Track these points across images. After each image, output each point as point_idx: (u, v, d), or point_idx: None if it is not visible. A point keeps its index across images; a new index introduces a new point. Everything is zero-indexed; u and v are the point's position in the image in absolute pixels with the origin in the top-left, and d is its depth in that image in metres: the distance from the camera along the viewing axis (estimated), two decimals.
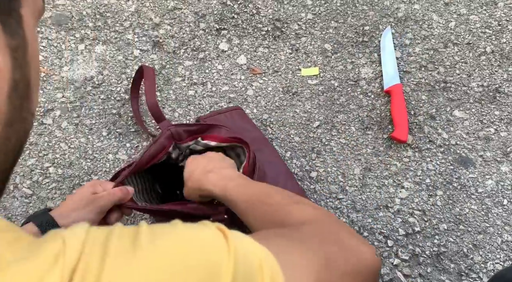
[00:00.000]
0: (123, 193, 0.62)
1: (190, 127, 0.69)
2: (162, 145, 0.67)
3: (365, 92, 0.93)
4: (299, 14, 1.00)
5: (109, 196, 0.61)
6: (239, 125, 0.84)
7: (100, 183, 0.63)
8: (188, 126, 0.69)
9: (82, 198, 0.60)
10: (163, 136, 0.67)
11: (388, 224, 0.83)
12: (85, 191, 0.61)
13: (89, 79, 0.93)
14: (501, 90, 0.93)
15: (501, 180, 0.85)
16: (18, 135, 0.28)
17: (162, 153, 0.67)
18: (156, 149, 0.67)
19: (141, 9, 1.00)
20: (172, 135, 0.68)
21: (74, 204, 0.60)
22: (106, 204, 0.61)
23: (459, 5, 1.00)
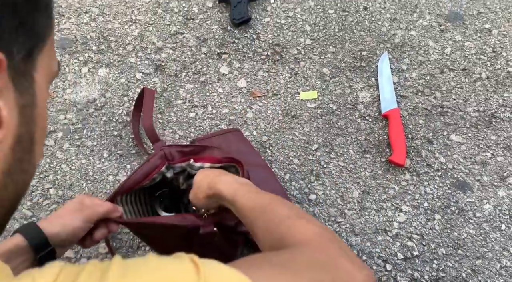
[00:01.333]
0: (113, 207, 0.63)
1: (183, 149, 0.70)
2: (154, 165, 0.69)
3: (363, 116, 0.95)
4: (298, 39, 1.02)
5: (96, 207, 0.62)
6: (234, 147, 0.85)
7: (89, 197, 0.64)
8: (182, 147, 0.70)
9: (69, 207, 0.62)
10: (156, 156, 0.69)
11: (386, 248, 0.83)
12: (72, 202, 0.63)
13: (92, 102, 0.95)
14: (497, 115, 0.94)
15: (498, 204, 0.86)
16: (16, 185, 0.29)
17: (155, 172, 0.69)
18: (148, 167, 0.68)
19: (144, 33, 1.02)
20: (165, 156, 0.70)
21: (61, 212, 0.61)
22: (93, 213, 0.61)
23: (454, 32, 1.03)
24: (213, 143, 0.84)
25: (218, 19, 1.04)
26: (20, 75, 0.27)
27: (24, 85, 0.28)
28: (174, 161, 0.70)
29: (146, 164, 0.68)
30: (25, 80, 0.28)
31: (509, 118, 0.94)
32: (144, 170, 0.67)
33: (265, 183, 0.79)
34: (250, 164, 0.80)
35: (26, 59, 0.28)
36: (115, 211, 0.63)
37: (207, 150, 0.70)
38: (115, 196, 0.65)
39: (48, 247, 0.57)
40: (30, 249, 0.56)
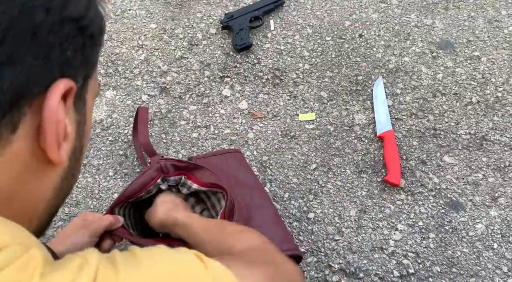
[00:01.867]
0: (114, 218, 0.67)
1: (178, 164, 0.74)
2: (150, 176, 0.72)
3: (359, 137, 0.98)
4: (297, 64, 1.07)
5: (100, 221, 0.66)
6: (232, 168, 0.86)
7: (91, 213, 0.69)
8: (177, 162, 0.74)
9: (74, 225, 0.66)
10: (152, 168, 0.72)
11: (383, 266, 0.85)
12: (76, 219, 0.68)
13: (99, 122, 0.99)
14: (487, 138, 0.98)
15: (490, 224, 0.89)
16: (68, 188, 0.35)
17: (151, 183, 0.72)
18: (144, 179, 0.71)
19: (150, 57, 1.07)
20: (160, 168, 0.73)
21: (67, 231, 0.65)
22: (97, 228, 0.66)
23: (445, 58, 1.08)
24: (210, 162, 0.86)
25: (221, 45, 1.09)
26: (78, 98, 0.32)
27: (80, 106, 0.33)
28: (169, 174, 0.74)
29: (143, 176, 0.71)
30: (81, 102, 0.33)
31: (499, 141, 0.98)
32: (140, 181, 0.71)
33: (260, 207, 0.80)
34: (244, 186, 0.82)
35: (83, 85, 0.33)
36: (116, 222, 0.67)
37: (199, 170, 0.73)
38: (113, 207, 0.68)
39: None
40: None
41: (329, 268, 0.84)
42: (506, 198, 0.92)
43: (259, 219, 0.78)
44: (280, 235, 0.78)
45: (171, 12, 1.13)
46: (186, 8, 1.14)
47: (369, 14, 1.14)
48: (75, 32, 0.29)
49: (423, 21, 1.13)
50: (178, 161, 0.74)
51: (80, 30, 0.30)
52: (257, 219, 0.77)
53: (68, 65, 0.29)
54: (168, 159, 0.74)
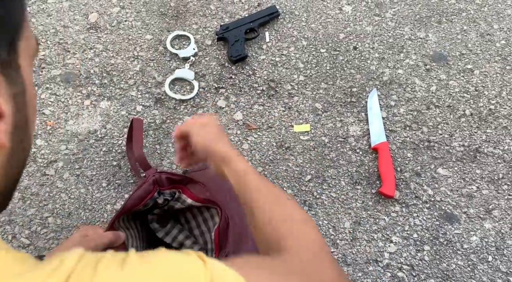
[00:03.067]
0: (115, 236, 0.65)
1: (172, 177, 0.73)
2: (147, 190, 0.71)
3: (354, 148, 0.99)
4: (291, 76, 1.08)
5: (99, 238, 0.63)
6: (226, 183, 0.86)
7: (92, 228, 0.67)
8: (171, 175, 0.73)
9: (73, 240, 0.64)
10: (147, 182, 0.72)
11: (378, 278, 0.84)
12: (76, 235, 0.65)
13: (93, 133, 0.98)
14: (481, 150, 0.99)
15: (485, 236, 0.89)
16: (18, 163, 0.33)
17: (148, 197, 0.71)
18: (141, 193, 0.70)
19: (145, 68, 1.07)
20: (156, 181, 0.72)
21: (64, 247, 0.63)
22: (96, 245, 0.63)
23: (439, 71, 1.09)
24: (206, 175, 0.86)
25: (217, 56, 1.10)
26: (8, 67, 0.28)
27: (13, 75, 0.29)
28: (164, 187, 0.73)
29: (139, 190, 0.70)
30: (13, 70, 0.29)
31: (493, 154, 0.98)
32: (138, 195, 0.70)
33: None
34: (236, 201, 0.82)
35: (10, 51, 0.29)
36: (117, 239, 0.65)
37: (194, 185, 0.73)
38: (113, 222, 0.67)
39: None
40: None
41: None
42: (500, 210, 0.92)
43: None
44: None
45: (166, 23, 1.14)
46: (181, 19, 1.15)
47: (363, 27, 1.15)
48: None
49: (416, 34, 1.14)
50: (172, 174, 0.73)
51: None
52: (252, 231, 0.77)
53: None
54: (162, 172, 0.74)
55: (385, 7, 1.19)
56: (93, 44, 1.10)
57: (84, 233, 0.65)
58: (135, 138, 0.83)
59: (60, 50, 1.08)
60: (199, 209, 0.76)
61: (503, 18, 1.17)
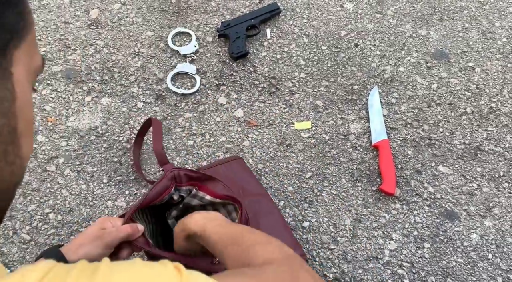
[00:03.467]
0: (132, 229, 0.64)
1: (191, 174, 0.73)
2: (165, 186, 0.71)
3: (355, 146, 0.99)
4: (293, 73, 1.08)
5: (117, 232, 0.63)
6: (239, 176, 0.87)
7: (110, 219, 0.65)
8: (190, 172, 0.73)
9: (90, 233, 0.63)
10: (166, 177, 0.72)
11: (378, 276, 0.84)
12: (94, 227, 0.64)
13: (94, 129, 0.98)
14: (482, 148, 0.99)
15: (485, 234, 0.89)
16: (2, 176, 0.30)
17: (165, 193, 0.71)
18: (160, 188, 0.71)
19: (147, 65, 1.07)
20: (174, 177, 0.72)
21: (82, 240, 0.62)
22: (113, 239, 0.62)
23: (440, 69, 1.09)
24: (218, 172, 0.86)
25: (218, 53, 1.10)
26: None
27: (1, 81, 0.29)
28: (182, 183, 0.73)
29: (158, 184, 0.71)
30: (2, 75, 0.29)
31: (493, 151, 0.98)
32: (157, 190, 0.70)
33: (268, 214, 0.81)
34: (252, 194, 0.83)
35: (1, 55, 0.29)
36: (135, 233, 0.64)
37: (212, 181, 0.73)
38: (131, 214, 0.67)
39: None
40: None
41: (323, 277, 0.84)
42: (501, 208, 0.92)
43: (268, 225, 0.78)
44: (289, 241, 0.79)
45: (168, 20, 1.14)
46: (183, 16, 1.15)
47: (364, 24, 1.15)
48: None
49: (418, 32, 1.14)
50: (190, 171, 0.74)
51: None
52: (266, 225, 0.78)
53: None
54: (181, 168, 0.74)
55: (386, 5, 1.18)
56: (94, 41, 1.10)
57: (102, 225, 0.64)
58: (155, 136, 0.82)
59: (61, 46, 1.08)
60: (214, 206, 0.76)
61: (505, 16, 1.17)
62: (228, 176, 0.85)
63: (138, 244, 0.65)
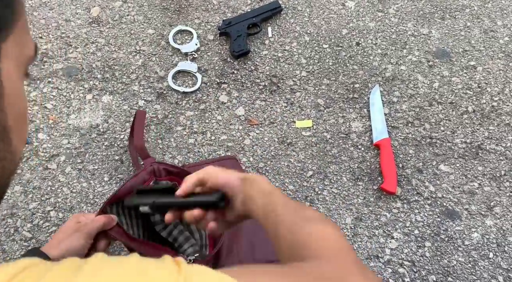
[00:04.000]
0: (107, 218, 0.66)
1: (170, 168, 0.74)
2: (143, 179, 0.72)
3: (356, 145, 0.99)
4: (294, 71, 1.07)
5: (93, 222, 0.65)
6: None
7: (83, 214, 0.68)
8: (169, 167, 0.74)
9: (67, 228, 0.65)
10: (145, 170, 0.72)
11: (378, 274, 0.85)
12: (70, 222, 0.66)
13: (95, 127, 0.98)
14: (483, 147, 0.99)
15: (486, 233, 0.89)
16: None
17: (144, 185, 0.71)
18: (136, 180, 0.71)
19: (148, 63, 1.07)
20: (153, 171, 0.73)
21: (60, 236, 0.64)
22: (91, 229, 0.64)
23: (441, 67, 1.09)
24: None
25: (219, 51, 1.10)
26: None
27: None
28: (161, 177, 0.73)
29: (135, 177, 0.71)
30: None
31: (495, 150, 0.98)
32: (132, 183, 0.70)
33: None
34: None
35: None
36: (110, 222, 0.67)
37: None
38: (104, 207, 0.68)
39: None
40: None
41: None
42: (502, 207, 0.92)
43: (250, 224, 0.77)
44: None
45: (169, 18, 1.14)
46: (184, 14, 1.14)
47: (366, 23, 1.15)
48: None
49: (419, 31, 1.14)
50: (171, 166, 0.74)
51: None
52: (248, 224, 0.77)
53: None
54: (161, 163, 0.75)
55: (388, 3, 1.18)
56: (95, 38, 1.09)
57: (76, 220, 0.67)
58: (136, 129, 0.84)
59: (62, 44, 1.08)
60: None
61: (507, 14, 1.17)
62: None
63: (113, 234, 0.66)
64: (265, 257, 0.74)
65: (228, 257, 0.72)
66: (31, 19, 1.10)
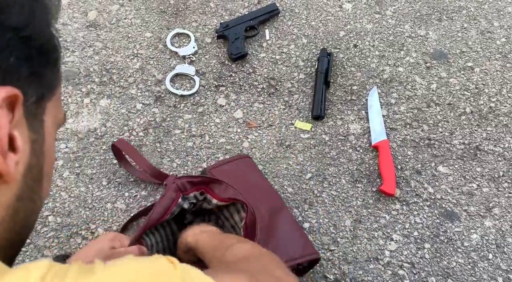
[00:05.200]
0: (140, 251, 0.67)
1: (193, 179, 0.74)
2: (171, 198, 0.71)
3: (354, 147, 0.99)
4: (291, 73, 1.07)
5: (125, 253, 0.64)
6: (245, 175, 0.87)
7: (120, 238, 0.68)
8: (191, 178, 0.74)
9: (101, 250, 0.64)
10: (170, 190, 0.72)
11: (378, 276, 0.84)
12: (105, 244, 0.66)
13: (93, 131, 0.98)
14: (481, 148, 0.99)
15: (485, 234, 0.89)
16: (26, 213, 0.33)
17: (173, 205, 0.71)
18: (166, 202, 0.71)
19: (145, 66, 1.07)
20: (178, 188, 0.72)
21: (91, 254, 0.63)
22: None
23: (439, 69, 1.09)
24: (223, 171, 0.87)
25: (217, 54, 1.10)
26: (32, 116, 0.33)
27: (35, 126, 0.33)
28: (187, 191, 0.73)
29: (163, 199, 0.70)
30: (36, 121, 0.33)
31: (493, 151, 0.98)
32: (163, 205, 0.70)
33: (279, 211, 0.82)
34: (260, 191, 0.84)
35: (37, 104, 0.33)
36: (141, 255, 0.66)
37: (216, 184, 0.73)
38: (139, 235, 0.68)
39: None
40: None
41: (324, 279, 0.84)
42: (501, 208, 0.92)
43: (280, 221, 0.79)
44: (302, 239, 0.80)
45: (166, 21, 1.13)
46: (181, 17, 1.14)
47: (363, 25, 1.15)
48: (17, 41, 0.30)
49: (417, 32, 1.14)
50: (192, 177, 0.74)
51: (22, 40, 0.30)
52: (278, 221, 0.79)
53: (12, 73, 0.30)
54: (182, 177, 0.75)
55: (385, 5, 1.18)
56: (93, 42, 1.09)
57: (112, 243, 0.66)
58: (137, 160, 0.84)
59: None
60: (220, 208, 0.77)
61: (504, 15, 1.17)
62: (234, 174, 0.85)
63: None
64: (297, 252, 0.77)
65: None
66: None
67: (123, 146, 0.85)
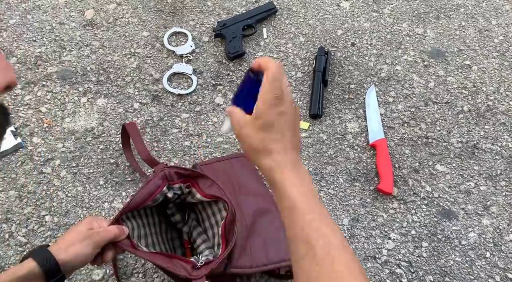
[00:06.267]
0: (119, 230, 0.66)
1: (181, 171, 0.74)
2: (156, 185, 0.71)
3: (352, 145, 0.98)
4: (289, 72, 1.07)
5: (105, 232, 0.65)
6: (236, 174, 0.86)
7: (97, 220, 0.67)
8: (180, 170, 0.74)
9: (80, 232, 0.64)
10: (156, 176, 0.72)
11: (376, 275, 0.84)
12: (82, 227, 0.65)
13: (90, 130, 0.97)
14: (479, 146, 0.99)
15: (483, 232, 0.89)
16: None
17: (156, 192, 0.71)
18: (150, 188, 0.70)
19: (143, 65, 1.06)
20: (165, 176, 0.72)
21: (71, 239, 0.63)
22: (102, 239, 0.64)
23: (437, 67, 1.09)
24: (215, 168, 0.86)
25: (214, 53, 1.09)
26: None
27: None
28: (174, 181, 0.73)
29: (148, 184, 0.70)
30: None
31: (491, 150, 0.98)
32: (147, 190, 0.70)
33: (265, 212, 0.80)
34: (249, 192, 0.83)
35: None
36: (121, 234, 0.66)
37: (202, 179, 0.73)
38: (119, 217, 0.67)
39: (59, 274, 0.60)
40: (43, 275, 0.59)
41: None
42: (498, 207, 0.92)
43: (264, 223, 0.78)
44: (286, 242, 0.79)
45: (163, 20, 1.13)
46: (178, 16, 1.14)
47: (361, 23, 1.15)
48: None
49: (414, 30, 1.14)
50: (181, 169, 0.74)
51: None
52: (262, 223, 0.78)
53: None
54: (172, 166, 0.74)
55: (383, 3, 1.18)
56: (90, 41, 1.09)
57: (89, 225, 0.66)
58: (136, 142, 0.83)
59: (56, 47, 1.07)
60: (209, 202, 0.77)
61: (501, 13, 1.17)
62: (224, 172, 0.85)
63: (122, 246, 0.66)
64: (278, 256, 0.74)
65: (241, 256, 0.72)
66: (25, 22, 1.09)
67: (132, 129, 0.84)
